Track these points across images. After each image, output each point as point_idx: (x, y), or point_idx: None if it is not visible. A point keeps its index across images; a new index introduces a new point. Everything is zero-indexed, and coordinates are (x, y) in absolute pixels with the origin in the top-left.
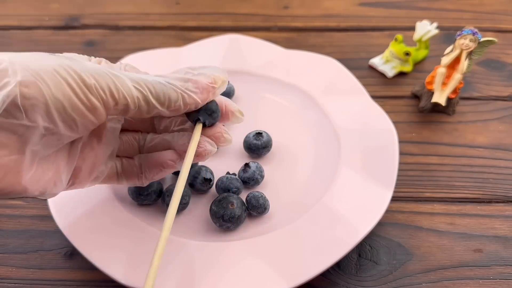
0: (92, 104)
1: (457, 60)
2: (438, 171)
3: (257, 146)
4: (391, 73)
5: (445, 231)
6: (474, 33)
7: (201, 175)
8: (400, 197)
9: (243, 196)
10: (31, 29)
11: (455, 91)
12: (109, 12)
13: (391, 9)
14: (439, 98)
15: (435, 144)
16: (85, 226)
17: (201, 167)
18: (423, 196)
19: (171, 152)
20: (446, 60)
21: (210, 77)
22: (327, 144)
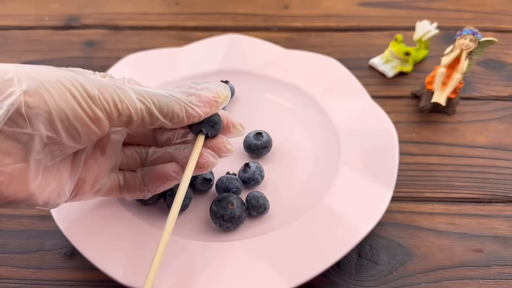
0: (95, 115)
1: (457, 60)
2: (438, 171)
3: (257, 146)
4: (391, 73)
5: (445, 231)
6: (474, 33)
7: (201, 175)
8: (400, 197)
9: (243, 196)
10: (31, 29)
11: (455, 91)
12: (109, 12)
13: (391, 9)
14: (439, 98)
15: (435, 144)
16: (85, 226)
17: None
18: (423, 196)
19: (174, 164)
20: (446, 60)
21: (213, 92)
22: (327, 144)
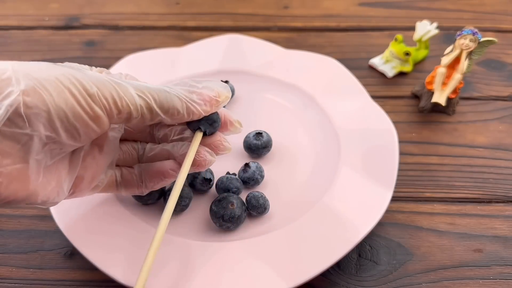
0: (95, 113)
1: (457, 60)
2: (438, 171)
3: (257, 146)
4: (391, 73)
5: (445, 231)
6: (474, 33)
7: (201, 175)
8: (400, 197)
9: (243, 196)
10: (31, 29)
11: (455, 91)
12: (109, 12)
13: (391, 9)
14: (439, 98)
15: (435, 144)
16: (85, 226)
17: None
18: (423, 196)
19: (172, 161)
20: (446, 60)
21: (214, 91)
22: (327, 144)
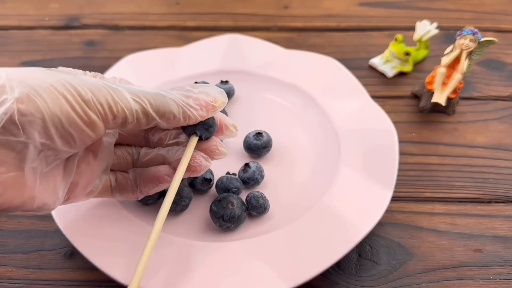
0: (90, 119)
1: (457, 60)
2: (438, 171)
3: (257, 146)
4: (391, 73)
5: (445, 231)
6: (474, 33)
7: (201, 175)
8: (400, 197)
9: (243, 196)
10: (31, 29)
11: (455, 91)
12: (109, 12)
13: (391, 9)
14: (439, 98)
15: (435, 144)
16: (85, 226)
17: None
18: (423, 196)
19: (167, 167)
20: (446, 60)
21: (210, 96)
22: (327, 144)
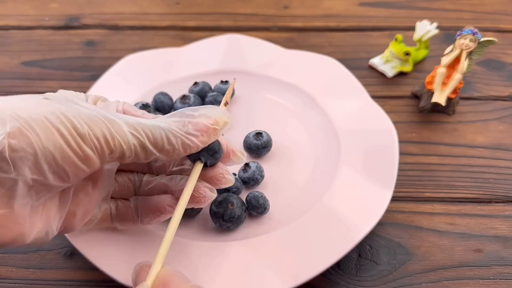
0: (84, 154)
1: (457, 60)
2: (438, 171)
3: (257, 146)
4: (391, 73)
5: (445, 231)
6: (474, 33)
7: None
8: (400, 197)
9: (243, 196)
10: (31, 29)
11: (455, 91)
12: (109, 12)
13: (391, 9)
14: (439, 98)
15: (435, 144)
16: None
17: None
18: (423, 196)
19: (169, 197)
20: (446, 60)
21: (211, 119)
22: (327, 144)
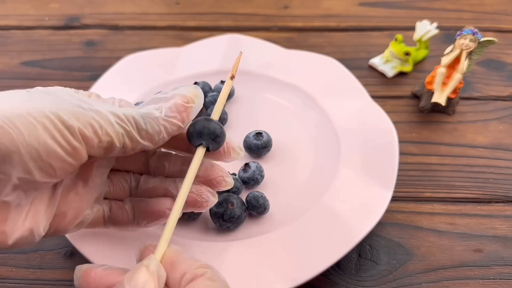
0: (71, 146)
1: (457, 60)
2: (438, 171)
3: (257, 146)
4: (391, 73)
5: (445, 231)
6: (474, 33)
7: None
8: (400, 197)
9: (243, 196)
10: (31, 29)
11: (455, 91)
12: (109, 12)
13: (391, 9)
14: (439, 98)
15: (435, 144)
16: None
17: None
18: (423, 196)
19: (170, 200)
20: (446, 60)
21: (184, 97)
22: (327, 144)
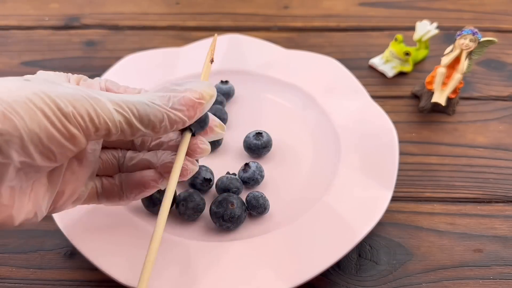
0: (70, 133)
1: (457, 60)
2: (438, 171)
3: (257, 146)
4: (391, 73)
5: (445, 231)
6: (474, 33)
7: (201, 175)
8: (400, 197)
9: (243, 196)
10: (31, 29)
11: (455, 91)
12: (109, 12)
13: (391, 9)
14: (439, 98)
15: (435, 144)
16: (85, 226)
17: (201, 167)
18: (423, 196)
19: (152, 171)
20: (446, 60)
21: (197, 93)
22: (327, 144)
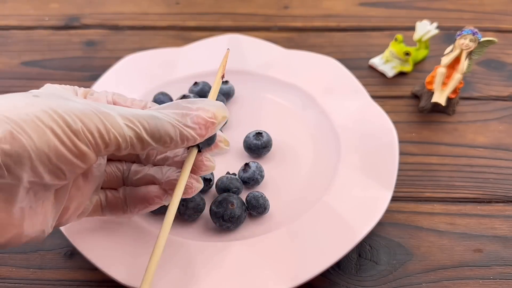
0: (79, 150)
1: (457, 60)
2: (438, 171)
3: (257, 146)
4: (391, 73)
5: (445, 231)
6: (474, 33)
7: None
8: (400, 197)
9: (243, 196)
10: (31, 29)
11: (455, 91)
12: (109, 12)
13: (391, 9)
14: (439, 98)
15: (435, 144)
16: (85, 226)
17: None
18: (423, 196)
19: (156, 187)
20: (446, 60)
21: (210, 112)
22: (327, 144)
